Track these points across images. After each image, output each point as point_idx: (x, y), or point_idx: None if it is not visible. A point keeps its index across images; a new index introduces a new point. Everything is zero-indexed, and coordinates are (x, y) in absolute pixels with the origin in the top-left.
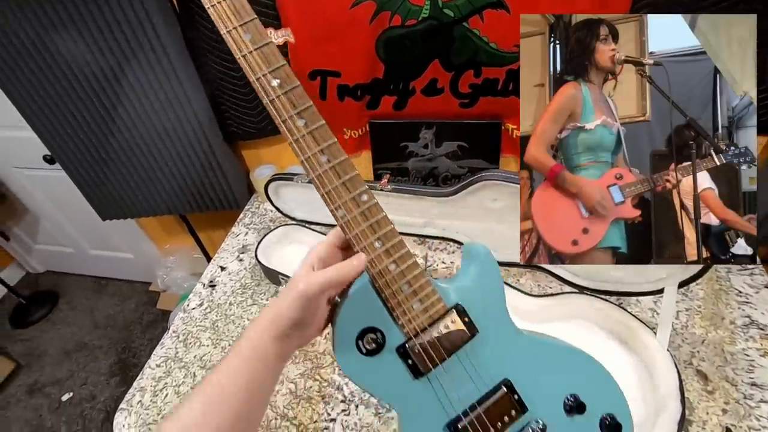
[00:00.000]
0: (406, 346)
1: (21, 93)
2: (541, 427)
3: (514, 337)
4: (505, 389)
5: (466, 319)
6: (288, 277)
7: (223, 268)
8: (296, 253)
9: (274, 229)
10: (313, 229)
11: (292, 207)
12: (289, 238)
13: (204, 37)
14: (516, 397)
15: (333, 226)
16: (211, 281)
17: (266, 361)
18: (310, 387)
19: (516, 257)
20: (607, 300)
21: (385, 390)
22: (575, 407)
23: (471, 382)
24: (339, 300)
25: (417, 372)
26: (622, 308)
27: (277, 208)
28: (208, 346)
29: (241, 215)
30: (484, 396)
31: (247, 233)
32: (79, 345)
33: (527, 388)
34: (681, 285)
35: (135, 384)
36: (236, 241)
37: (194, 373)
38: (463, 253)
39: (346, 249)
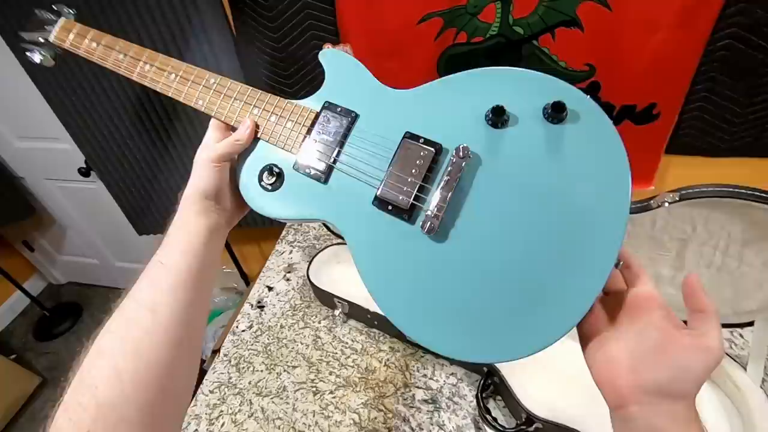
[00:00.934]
0: (297, 161)
1: (65, 103)
2: (461, 152)
3: (400, 96)
4: (407, 140)
5: (339, 109)
6: (342, 298)
7: (270, 288)
8: (346, 273)
9: (323, 248)
10: None
11: None
12: (338, 257)
13: (257, 51)
14: (421, 140)
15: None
16: (259, 302)
17: (198, 236)
18: (375, 418)
19: None
20: None
21: (311, 208)
22: (499, 117)
23: (375, 156)
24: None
25: (322, 176)
26: None
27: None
28: (262, 371)
29: (284, 232)
30: (392, 158)
31: (291, 251)
32: None
33: (431, 127)
34: None
35: (188, 411)
36: (281, 259)
37: (250, 400)
38: (323, 64)
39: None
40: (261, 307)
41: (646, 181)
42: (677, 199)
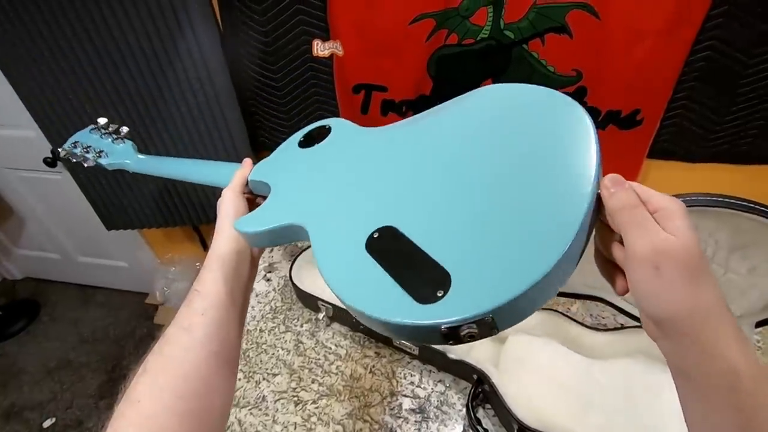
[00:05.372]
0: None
1: (32, 89)
2: None
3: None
4: None
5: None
6: (326, 301)
7: None
8: None
9: (306, 248)
10: None
11: None
12: None
13: (243, 44)
14: None
15: None
16: None
17: (230, 262)
18: (360, 430)
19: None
20: None
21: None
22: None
23: None
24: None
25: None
26: None
27: None
28: (240, 379)
29: None
30: None
31: (272, 250)
32: (63, 362)
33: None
34: (759, 324)
35: None
36: (261, 259)
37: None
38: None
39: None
40: None
41: None
42: None
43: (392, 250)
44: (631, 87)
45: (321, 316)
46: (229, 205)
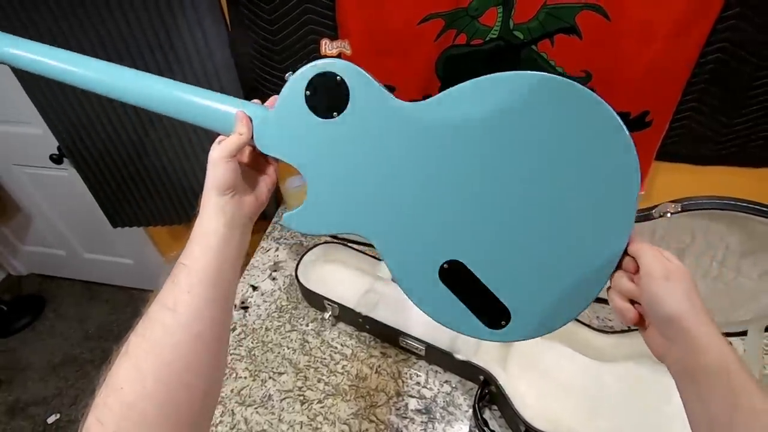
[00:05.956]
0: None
1: (40, 86)
2: None
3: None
4: None
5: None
6: (332, 300)
7: (255, 288)
8: (336, 273)
9: (312, 247)
10: (352, 247)
11: None
12: (328, 256)
13: (251, 42)
14: None
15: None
16: (242, 302)
17: (217, 234)
18: (366, 430)
19: None
20: None
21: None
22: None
23: None
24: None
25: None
26: None
27: None
28: (245, 378)
29: (269, 228)
30: None
31: (278, 249)
32: (68, 358)
33: None
34: None
35: None
36: (266, 257)
37: (232, 410)
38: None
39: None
40: (245, 308)
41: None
42: (679, 210)
43: (462, 283)
44: (640, 88)
45: (327, 315)
46: (218, 173)
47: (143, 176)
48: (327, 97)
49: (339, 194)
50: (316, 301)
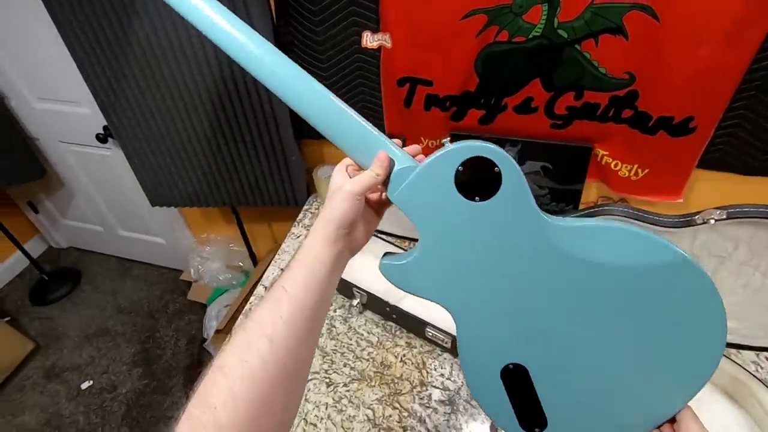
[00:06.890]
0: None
1: (94, 67)
2: None
3: None
4: None
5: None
6: (361, 289)
7: None
8: (365, 264)
9: None
10: (382, 238)
11: None
12: None
13: (294, 32)
14: None
15: (403, 237)
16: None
17: (325, 265)
18: (390, 416)
19: None
20: None
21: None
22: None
23: None
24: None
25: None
26: (733, 360)
27: None
28: None
29: (301, 215)
30: None
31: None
32: (101, 330)
33: None
34: None
35: None
36: (297, 243)
37: None
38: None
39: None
40: None
41: (675, 194)
42: (724, 217)
43: (518, 386)
44: (686, 93)
45: (355, 302)
46: (344, 207)
47: (183, 158)
48: (476, 180)
49: (444, 267)
50: (344, 288)
